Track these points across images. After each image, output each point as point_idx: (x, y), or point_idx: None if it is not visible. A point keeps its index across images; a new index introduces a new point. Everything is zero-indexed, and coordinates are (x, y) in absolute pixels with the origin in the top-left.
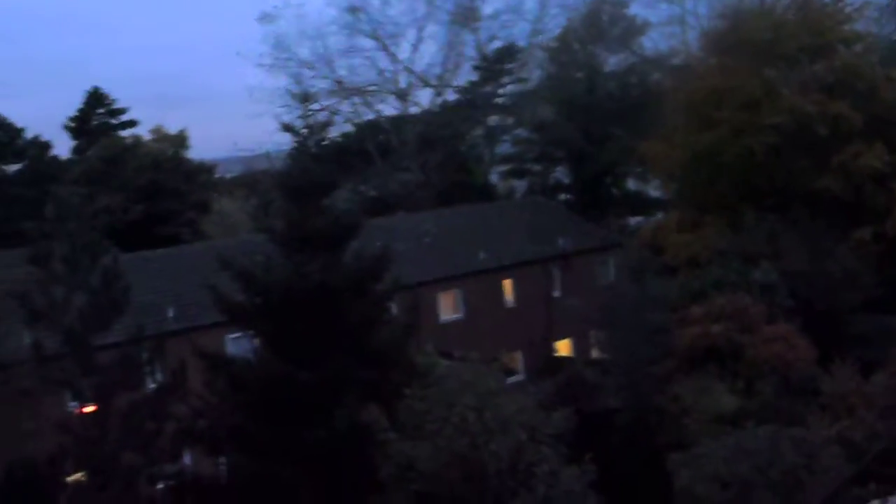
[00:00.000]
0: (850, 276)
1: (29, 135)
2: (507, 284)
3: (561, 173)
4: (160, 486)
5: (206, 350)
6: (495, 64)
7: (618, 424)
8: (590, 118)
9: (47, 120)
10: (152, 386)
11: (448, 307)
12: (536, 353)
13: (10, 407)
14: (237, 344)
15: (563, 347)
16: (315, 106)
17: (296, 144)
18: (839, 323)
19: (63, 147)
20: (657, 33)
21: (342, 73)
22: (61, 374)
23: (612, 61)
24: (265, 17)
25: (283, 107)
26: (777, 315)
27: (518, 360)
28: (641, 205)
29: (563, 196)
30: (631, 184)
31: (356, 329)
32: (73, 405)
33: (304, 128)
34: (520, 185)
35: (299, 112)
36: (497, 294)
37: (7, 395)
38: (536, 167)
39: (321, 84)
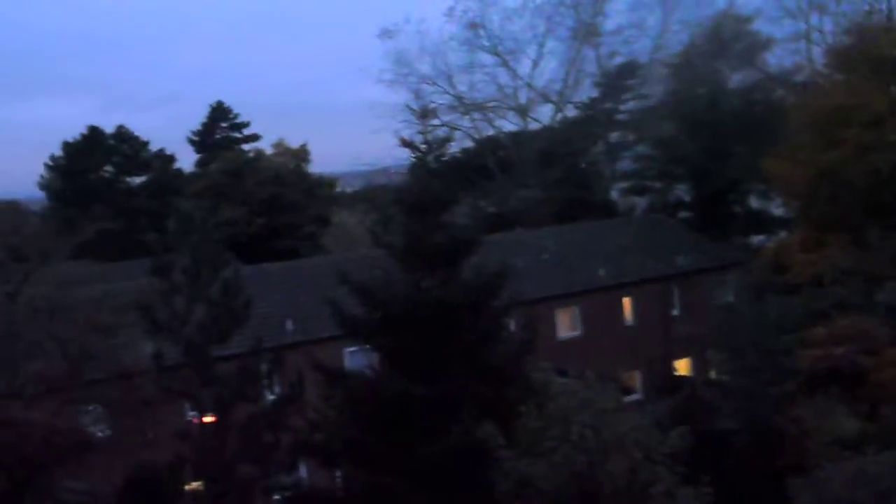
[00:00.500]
0: None
1: (154, 148)
2: (626, 302)
3: (682, 191)
4: (276, 497)
5: (323, 364)
6: (616, 80)
7: (735, 446)
8: (712, 135)
9: (172, 133)
10: (270, 398)
11: (566, 324)
12: (654, 372)
13: (132, 416)
14: (355, 358)
15: (682, 367)
16: (435, 122)
17: (415, 160)
18: None
19: (187, 160)
20: (781, 49)
21: (462, 88)
22: (181, 385)
23: (735, 78)
24: (386, 34)
25: (403, 122)
26: None
27: (636, 378)
28: (763, 223)
29: (683, 214)
30: (753, 202)
31: (473, 345)
32: (192, 415)
33: (423, 143)
34: (640, 202)
35: (419, 128)
36: (615, 312)
37: (129, 404)
38: (657, 184)
39: (441, 100)
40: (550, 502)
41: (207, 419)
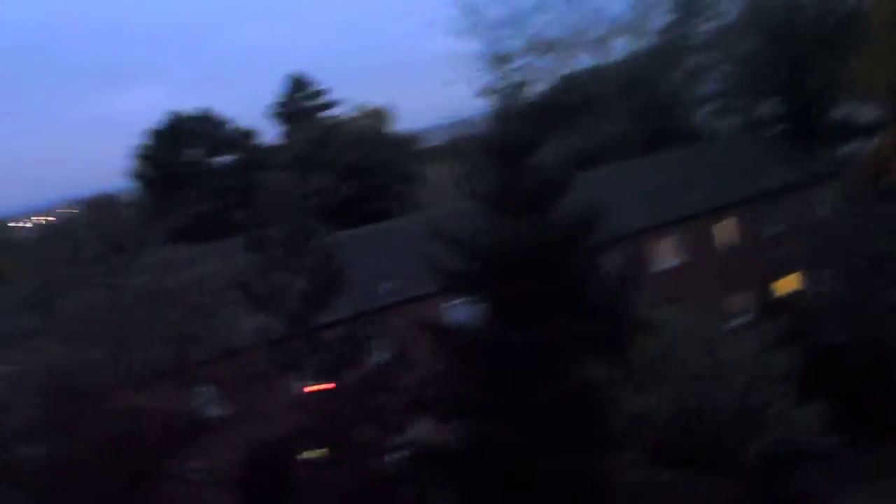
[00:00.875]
0: None
1: (237, 125)
2: (723, 226)
3: (768, 107)
4: (393, 456)
5: (427, 321)
6: (691, 1)
7: (849, 361)
8: (793, 46)
9: (254, 109)
10: (376, 360)
11: (665, 254)
12: (758, 293)
13: (243, 392)
14: (453, 312)
15: (787, 285)
16: (511, 66)
17: (496, 106)
18: None
19: (269, 134)
20: None
21: (535, 30)
22: (289, 357)
23: None
24: None
25: (479, 71)
26: None
27: (739, 301)
28: (855, 131)
29: (772, 130)
30: (842, 110)
31: (573, 285)
32: (302, 385)
33: (502, 89)
34: (727, 123)
35: (496, 74)
36: (713, 237)
37: (239, 381)
38: (742, 103)
39: (515, 44)
40: (666, 434)
41: (318, 387)
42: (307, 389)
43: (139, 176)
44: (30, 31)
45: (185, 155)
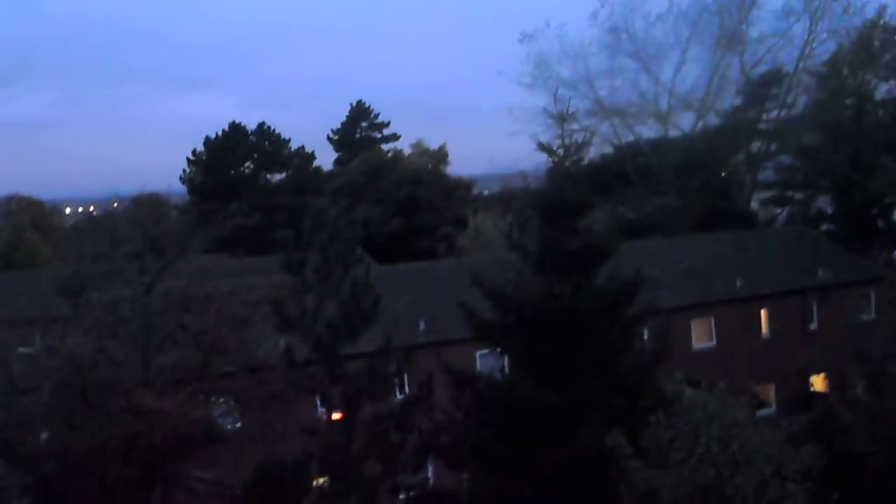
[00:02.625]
0: None
1: (294, 145)
2: (763, 314)
3: (824, 202)
4: (402, 496)
5: (453, 365)
6: (760, 88)
7: (870, 466)
8: (857, 146)
9: (313, 132)
10: (399, 397)
11: (701, 334)
12: (789, 386)
13: (261, 409)
14: (486, 361)
15: (818, 383)
16: (574, 126)
17: (552, 164)
18: None
19: (326, 158)
20: None
21: (602, 93)
22: (310, 381)
23: (883, 88)
24: (526, 37)
25: (541, 126)
26: None
27: (770, 392)
28: None
29: (825, 226)
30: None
31: (605, 352)
32: (321, 411)
33: (561, 147)
34: (781, 213)
35: (557, 132)
36: (752, 324)
37: (259, 397)
38: (799, 195)
39: (581, 104)
40: None
41: (335, 416)
42: (324, 417)
43: (191, 181)
44: (108, 30)
45: (239, 166)
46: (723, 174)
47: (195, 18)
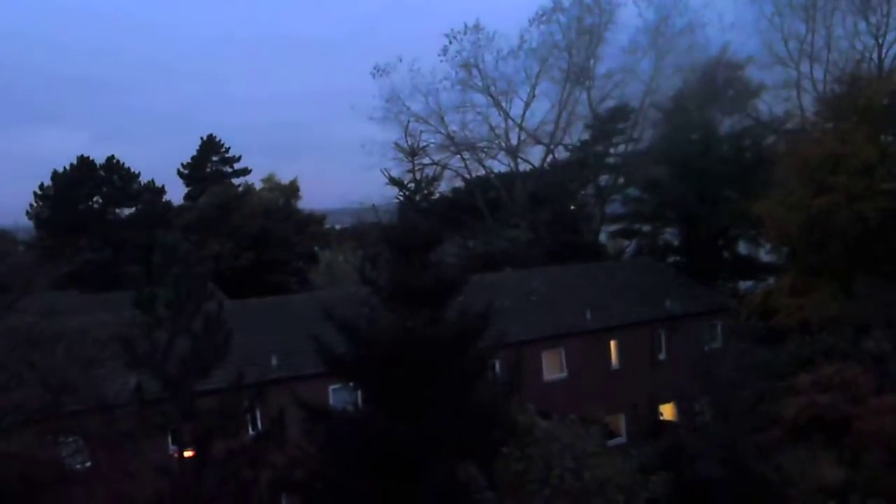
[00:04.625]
0: None
1: (144, 179)
2: (613, 345)
3: (671, 235)
4: None
5: (305, 400)
6: (607, 123)
7: (719, 494)
8: (702, 180)
9: (163, 166)
10: (252, 434)
11: (552, 366)
12: (639, 416)
13: (112, 449)
14: (339, 395)
15: (667, 412)
16: (425, 160)
17: (404, 198)
18: None
19: (177, 193)
20: (772, 96)
21: (454, 127)
22: (161, 419)
23: (727, 123)
24: (379, 71)
25: (393, 160)
26: (888, 386)
27: (621, 422)
28: (752, 269)
29: (672, 258)
30: (742, 248)
31: (457, 385)
32: (172, 449)
33: (412, 181)
34: (629, 245)
35: (409, 166)
36: (602, 355)
37: (109, 437)
38: (646, 228)
39: (432, 138)
40: None
41: (188, 454)
42: (176, 454)
43: (38, 216)
44: None
45: (87, 201)
46: (572, 207)
47: (40, 50)
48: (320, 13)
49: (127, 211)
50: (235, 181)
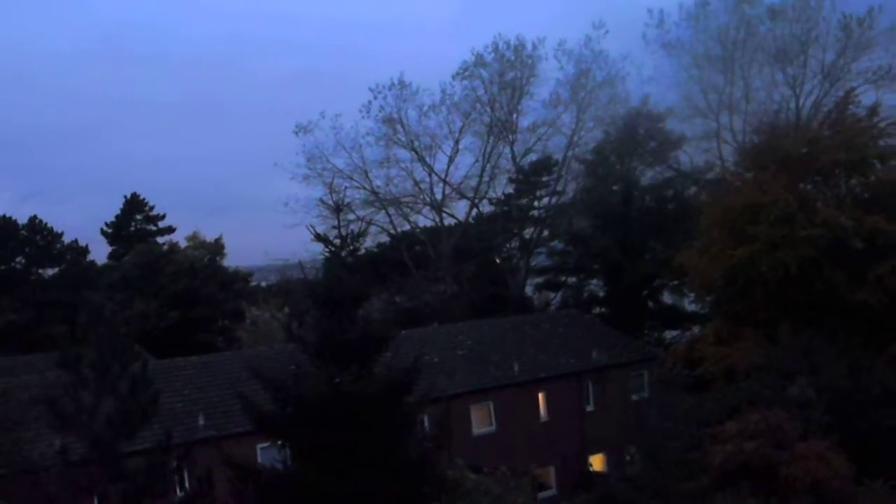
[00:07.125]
0: (889, 392)
1: (67, 239)
2: (541, 397)
3: (596, 286)
4: None
5: (233, 459)
6: (531, 176)
7: None
8: (626, 231)
9: (86, 225)
10: (180, 494)
11: (481, 419)
12: (569, 467)
13: None
14: (267, 453)
15: (597, 462)
16: (350, 216)
17: (329, 254)
18: (877, 440)
19: (100, 252)
20: (692, 147)
21: (378, 183)
22: (88, 481)
23: (648, 175)
24: (301, 129)
25: (318, 217)
26: (813, 432)
27: (550, 474)
28: (677, 318)
29: (598, 309)
30: (666, 297)
31: (386, 440)
32: None
33: (337, 238)
34: (555, 297)
35: (333, 222)
36: (530, 407)
37: (34, 500)
38: (572, 279)
39: (357, 194)
40: None
41: None
42: None
43: None
44: None
45: (9, 261)
46: (497, 260)
47: None
48: (241, 79)
49: (50, 271)
50: (160, 240)
